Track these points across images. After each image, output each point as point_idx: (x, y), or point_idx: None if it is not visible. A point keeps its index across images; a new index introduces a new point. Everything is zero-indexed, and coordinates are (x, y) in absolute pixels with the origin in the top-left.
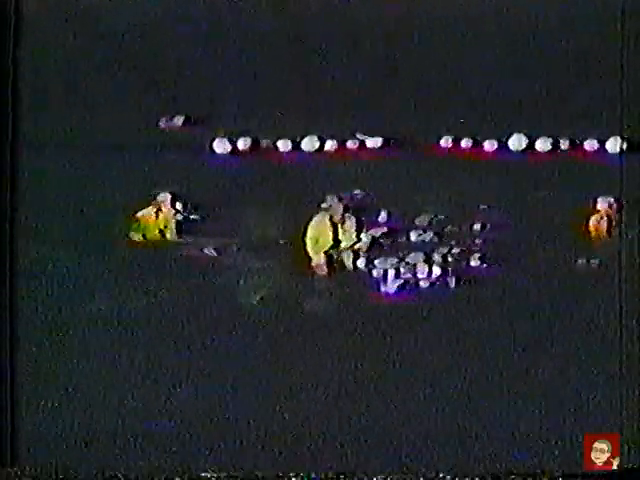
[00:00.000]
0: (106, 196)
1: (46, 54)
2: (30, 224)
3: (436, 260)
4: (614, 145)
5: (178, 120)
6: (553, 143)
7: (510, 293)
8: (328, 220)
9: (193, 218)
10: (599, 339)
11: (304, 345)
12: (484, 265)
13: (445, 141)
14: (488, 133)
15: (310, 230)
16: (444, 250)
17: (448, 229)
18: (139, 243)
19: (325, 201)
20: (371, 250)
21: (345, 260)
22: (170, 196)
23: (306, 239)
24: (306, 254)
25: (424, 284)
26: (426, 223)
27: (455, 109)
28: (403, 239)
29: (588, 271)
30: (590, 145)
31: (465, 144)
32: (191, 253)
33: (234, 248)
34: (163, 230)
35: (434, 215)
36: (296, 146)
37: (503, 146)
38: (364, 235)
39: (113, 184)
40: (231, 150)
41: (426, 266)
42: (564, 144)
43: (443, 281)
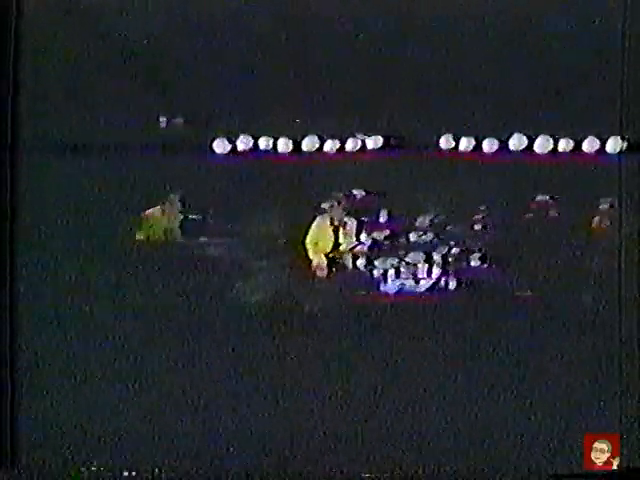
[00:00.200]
0: (106, 196)
1: (46, 54)
2: (31, 224)
3: (436, 260)
4: (614, 145)
5: (178, 120)
6: (553, 143)
7: (510, 293)
8: (328, 223)
9: (192, 218)
10: (599, 339)
11: (304, 345)
12: (484, 265)
13: (445, 141)
14: (488, 133)
15: (310, 233)
16: (444, 250)
17: (448, 229)
18: (143, 242)
19: (325, 201)
20: (371, 250)
21: (345, 261)
22: (178, 197)
23: (306, 242)
24: (306, 255)
25: (424, 284)
26: (426, 223)
27: (455, 109)
28: (403, 239)
29: (588, 271)
30: (590, 145)
31: (465, 144)
32: (191, 253)
33: (234, 248)
34: (167, 230)
35: (434, 215)
36: (296, 146)
37: (503, 146)
38: (364, 237)
39: (113, 184)
40: (231, 150)
41: (426, 266)
42: (564, 144)
43: (443, 281)
